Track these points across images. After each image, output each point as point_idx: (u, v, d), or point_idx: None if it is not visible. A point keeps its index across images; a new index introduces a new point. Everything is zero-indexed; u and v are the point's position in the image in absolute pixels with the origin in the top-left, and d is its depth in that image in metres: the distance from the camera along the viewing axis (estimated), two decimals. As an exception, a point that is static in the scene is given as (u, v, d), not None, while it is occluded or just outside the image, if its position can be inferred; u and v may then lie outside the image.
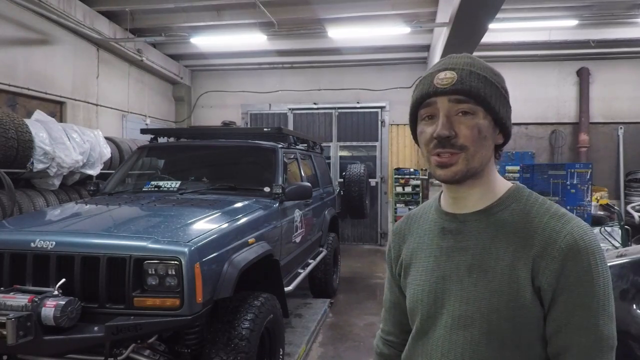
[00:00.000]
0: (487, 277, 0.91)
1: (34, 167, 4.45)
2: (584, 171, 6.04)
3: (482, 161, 0.94)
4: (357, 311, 5.27)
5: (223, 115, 9.63)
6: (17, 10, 5.43)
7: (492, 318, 0.89)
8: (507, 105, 0.96)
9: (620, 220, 4.85)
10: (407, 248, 1.09)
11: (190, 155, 4.58)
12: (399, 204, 9.02)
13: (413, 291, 1.03)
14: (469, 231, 0.96)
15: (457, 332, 0.93)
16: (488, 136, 0.93)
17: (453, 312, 0.94)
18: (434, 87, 0.92)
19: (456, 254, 0.96)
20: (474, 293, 0.91)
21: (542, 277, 0.86)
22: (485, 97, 0.91)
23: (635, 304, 2.13)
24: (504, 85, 0.96)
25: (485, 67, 0.96)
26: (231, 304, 2.76)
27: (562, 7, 6.80)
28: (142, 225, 2.83)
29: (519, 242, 0.90)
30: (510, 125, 0.98)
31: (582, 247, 0.85)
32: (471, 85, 0.90)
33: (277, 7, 6.77)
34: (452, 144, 0.91)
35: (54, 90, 6.14)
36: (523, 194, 0.97)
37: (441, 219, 1.02)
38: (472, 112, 0.91)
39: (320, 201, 5.42)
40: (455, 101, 0.91)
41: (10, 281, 2.48)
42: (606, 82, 8.78)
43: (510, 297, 0.87)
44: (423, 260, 1.03)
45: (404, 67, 9.22)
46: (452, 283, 0.95)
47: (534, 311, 0.87)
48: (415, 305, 1.02)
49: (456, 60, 0.96)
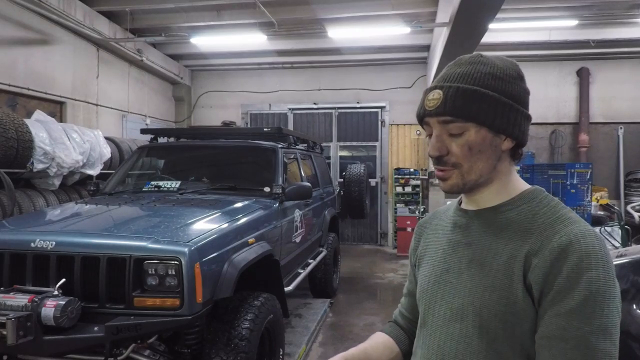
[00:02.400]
0: (483, 271, 0.92)
1: (34, 167, 4.45)
2: (584, 171, 6.04)
3: (481, 173, 0.94)
4: (357, 311, 5.27)
5: (223, 115, 9.64)
6: (17, 10, 5.43)
7: (483, 312, 0.89)
8: (508, 111, 0.92)
9: (620, 220, 4.85)
10: (424, 240, 1.13)
11: (190, 155, 4.58)
12: (399, 204, 9.02)
13: (421, 281, 1.08)
14: (475, 227, 0.98)
15: (453, 324, 0.95)
16: (484, 149, 0.93)
17: (451, 305, 0.96)
18: (424, 109, 0.95)
19: (461, 248, 0.99)
20: (470, 287, 0.93)
21: (532, 275, 0.85)
22: (469, 114, 0.90)
23: (635, 304, 2.14)
24: (508, 90, 0.92)
25: (484, 73, 0.92)
26: (231, 304, 2.75)
27: (562, 7, 6.80)
28: (142, 225, 2.83)
29: (518, 239, 0.90)
30: (517, 130, 0.94)
31: (576, 249, 0.82)
32: (454, 105, 0.90)
33: (277, 7, 6.77)
34: (444, 161, 0.94)
35: (54, 90, 6.14)
36: (537, 196, 0.96)
37: (456, 214, 1.05)
38: (461, 130, 0.92)
39: (320, 201, 5.42)
40: (443, 122, 0.93)
41: (10, 281, 2.49)
42: (606, 82, 8.78)
43: (502, 293, 0.88)
44: (433, 253, 1.06)
45: (404, 67, 9.22)
46: (453, 276, 0.97)
47: (526, 308, 0.86)
48: (421, 296, 1.06)
49: (452, 71, 0.95)
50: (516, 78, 0.95)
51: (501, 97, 0.92)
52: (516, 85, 0.94)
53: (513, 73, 0.94)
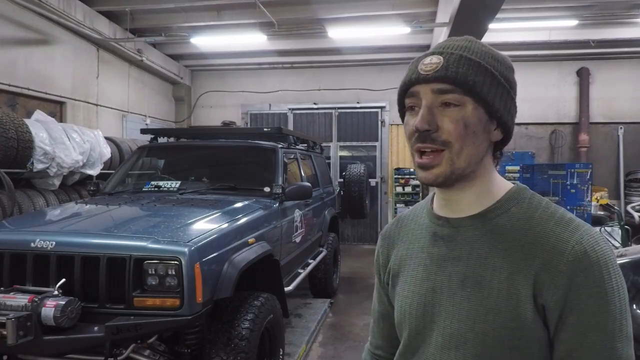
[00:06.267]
0: (483, 292, 0.80)
1: (34, 167, 4.45)
2: (584, 171, 6.04)
3: (470, 161, 0.82)
4: (357, 311, 5.27)
5: (223, 115, 9.64)
6: (17, 10, 5.43)
7: (486, 339, 0.79)
8: (506, 97, 0.83)
9: (620, 220, 4.86)
10: (395, 254, 0.99)
11: (190, 155, 4.58)
12: (399, 204, 9.03)
13: (401, 303, 0.93)
14: (462, 238, 0.85)
15: (447, 353, 0.83)
16: (478, 131, 0.81)
17: (444, 330, 0.84)
18: (417, 74, 0.82)
19: (448, 263, 0.86)
20: (467, 310, 0.81)
21: (547, 294, 0.76)
22: (473, 85, 0.79)
23: (635, 304, 2.14)
24: (506, 74, 0.84)
25: (484, 51, 0.84)
26: (231, 304, 2.75)
27: (562, 7, 6.80)
28: (142, 225, 2.82)
29: (519, 252, 0.79)
30: (509, 120, 0.85)
31: (594, 259, 0.74)
32: (457, 71, 0.79)
33: (277, 7, 6.77)
34: (432, 138, 0.81)
35: (54, 90, 6.14)
36: (524, 196, 0.86)
37: (433, 223, 0.92)
38: (458, 103, 0.80)
39: (320, 201, 5.41)
40: (438, 91, 0.80)
41: (10, 281, 2.48)
42: (606, 82, 8.78)
43: (508, 316, 0.77)
44: (412, 269, 0.92)
45: (404, 67, 8.93)
46: (443, 296, 0.85)
47: (536, 332, 0.77)
48: (403, 319, 0.92)
49: (451, 42, 0.85)
50: (510, 68, 0.87)
51: (502, 78, 0.83)
52: (511, 74, 0.86)
53: (508, 62, 0.87)
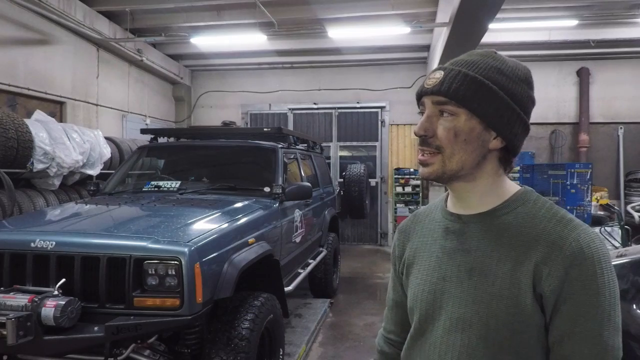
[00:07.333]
0: (488, 280, 0.89)
1: (34, 167, 4.45)
2: (584, 171, 6.04)
3: (462, 165, 0.92)
4: (357, 311, 5.27)
5: (223, 115, 9.64)
6: (17, 10, 5.43)
7: (490, 322, 0.88)
8: (504, 109, 0.90)
9: (620, 220, 4.85)
10: (410, 247, 1.09)
11: (190, 155, 4.58)
12: (399, 204, 9.03)
13: (413, 290, 1.03)
14: (471, 233, 0.95)
15: (454, 335, 0.92)
16: (470, 139, 0.91)
17: (451, 314, 0.93)
18: (423, 87, 0.95)
19: (458, 255, 0.96)
20: (473, 296, 0.91)
21: (545, 284, 0.85)
22: (463, 99, 0.89)
23: (635, 304, 2.14)
24: (509, 87, 0.91)
25: (491, 66, 0.91)
26: (231, 304, 2.75)
27: (562, 7, 6.79)
28: (142, 225, 2.82)
29: (522, 246, 0.88)
30: (507, 130, 0.92)
31: (588, 255, 0.83)
32: (450, 87, 0.90)
33: (277, 7, 6.77)
34: (429, 143, 0.93)
35: (54, 90, 6.14)
36: (530, 197, 0.95)
37: (445, 219, 1.02)
38: (453, 113, 0.91)
39: (320, 201, 5.41)
40: (437, 102, 0.92)
41: (10, 281, 2.48)
42: (606, 82, 8.78)
43: (509, 303, 0.86)
44: (425, 260, 1.02)
45: (404, 67, 9.22)
46: (452, 284, 0.95)
47: (534, 318, 0.86)
48: (415, 305, 1.02)
49: (461, 58, 0.95)
50: (523, 80, 0.93)
51: (501, 92, 0.90)
52: (520, 87, 0.92)
53: (521, 75, 0.93)
